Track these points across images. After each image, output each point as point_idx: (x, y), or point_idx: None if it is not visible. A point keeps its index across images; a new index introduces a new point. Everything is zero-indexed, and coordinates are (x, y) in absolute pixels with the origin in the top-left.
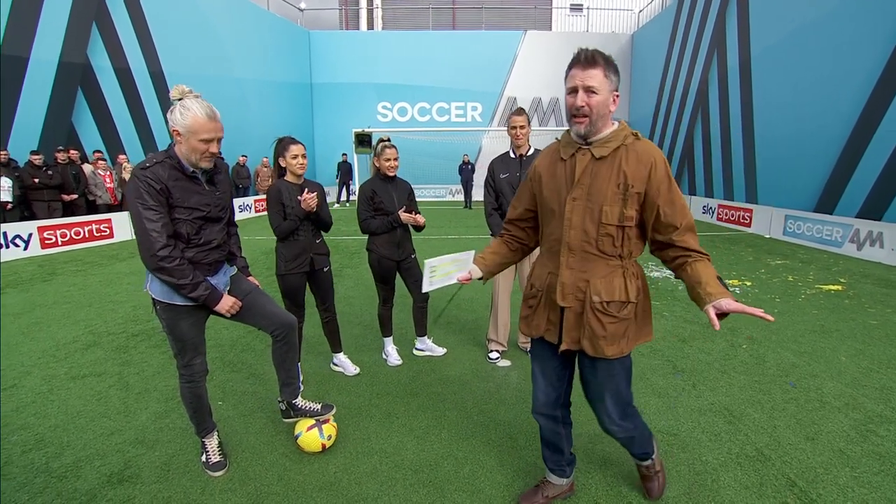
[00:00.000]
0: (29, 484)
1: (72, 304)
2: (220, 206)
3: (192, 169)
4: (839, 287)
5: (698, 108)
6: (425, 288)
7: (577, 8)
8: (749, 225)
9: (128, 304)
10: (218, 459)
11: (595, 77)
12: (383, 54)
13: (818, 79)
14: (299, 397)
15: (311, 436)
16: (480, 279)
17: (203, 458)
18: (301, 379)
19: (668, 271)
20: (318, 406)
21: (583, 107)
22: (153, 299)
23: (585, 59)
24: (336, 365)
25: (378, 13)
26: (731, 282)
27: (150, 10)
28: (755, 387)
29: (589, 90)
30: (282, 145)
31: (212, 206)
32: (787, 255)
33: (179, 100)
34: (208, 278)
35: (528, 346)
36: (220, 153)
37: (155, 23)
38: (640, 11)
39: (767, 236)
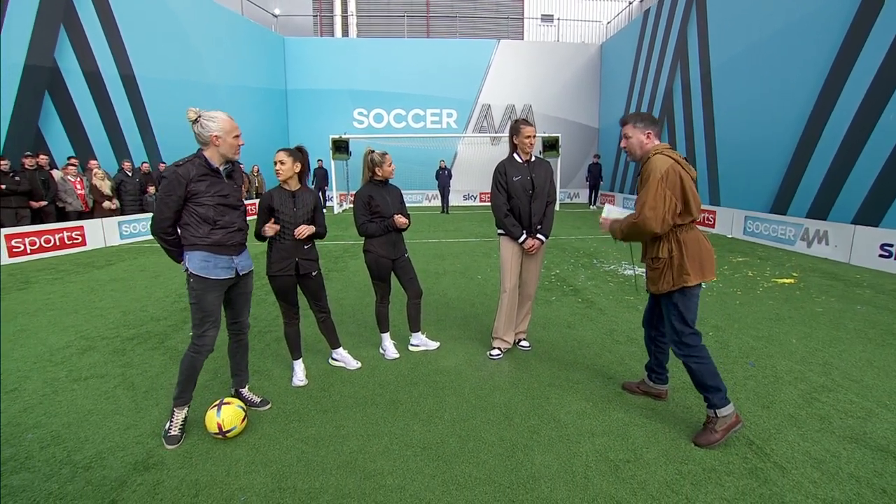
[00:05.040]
0: (55, 475)
1: (56, 311)
2: (237, 196)
3: (216, 165)
4: (792, 280)
5: (664, 116)
6: (603, 215)
7: (547, 18)
8: (713, 225)
9: (115, 311)
10: (176, 433)
11: (626, 129)
12: (359, 61)
13: (769, 91)
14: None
15: (211, 414)
16: None
17: (166, 426)
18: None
19: (640, 270)
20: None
21: (624, 147)
22: (188, 273)
23: (621, 120)
24: (336, 360)
25: (352, 20)
26: None
27: (120, 13)
28: (719, 367)
29: (624, 136)
30: None
31: (230, 195)
32: (747, 252)
33: (196, 119)
34: (233, 258)
35: (517, 337)
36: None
37: (125, 26)
38: (608, 23)
39: (730, 236)
